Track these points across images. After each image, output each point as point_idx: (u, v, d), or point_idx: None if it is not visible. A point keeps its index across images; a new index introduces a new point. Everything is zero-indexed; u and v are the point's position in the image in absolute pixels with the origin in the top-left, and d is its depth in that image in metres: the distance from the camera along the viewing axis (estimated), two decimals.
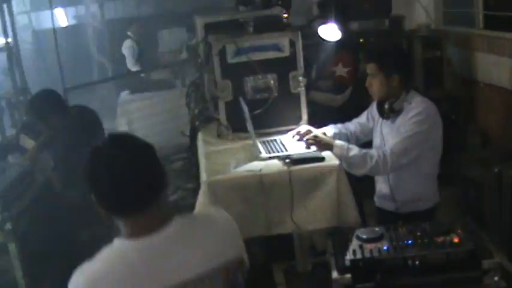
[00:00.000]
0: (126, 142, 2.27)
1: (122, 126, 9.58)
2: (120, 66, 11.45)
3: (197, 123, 5.06)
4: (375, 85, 4.14)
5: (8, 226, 4.38)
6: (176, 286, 2.19)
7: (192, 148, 5.11)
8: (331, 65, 5.98)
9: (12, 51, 7.44)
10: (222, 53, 4.41)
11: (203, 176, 3.83)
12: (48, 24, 9.55)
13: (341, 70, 5.96)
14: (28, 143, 5.40)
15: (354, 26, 7.34)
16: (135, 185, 2.19)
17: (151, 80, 11.28)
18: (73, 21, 11.95)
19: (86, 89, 9.71)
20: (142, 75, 11.30)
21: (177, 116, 9.61)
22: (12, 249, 4.42)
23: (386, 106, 4.13)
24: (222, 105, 4.51)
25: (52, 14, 9.89)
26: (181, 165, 7.14)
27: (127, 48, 11.24)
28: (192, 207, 3.85)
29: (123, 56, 11.38)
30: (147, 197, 2.22)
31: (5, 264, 4.47)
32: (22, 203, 4.68)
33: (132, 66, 11.31)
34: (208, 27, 4.99)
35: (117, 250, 2.23)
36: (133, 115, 10.33)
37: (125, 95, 10.70)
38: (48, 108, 5.00)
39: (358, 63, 6.03)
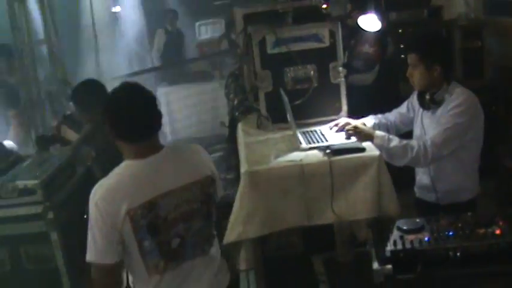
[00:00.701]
0: (138, 88, 3.09)
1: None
2: (159, 58, 11.54)
3: (237, 113, 5.05)
4: (415, 76, 4.11)
5: (50, 215, 4.43)
6: (167, 193, 3.03)
7: (232, 139, 5.12)
8: (359, 46, 6.07)
9: (52, 43, 7.53)
10: (262, 44, 4.42)
11: (244, 167, 3.83)
12: (88, 17, 9.62)
13: (368, 49, 6.10)
14: (69, 134, 5.44)
15: (392, 16, 7.31)
16: (144, 119, 3.04)
17: (190, 71, 11.33)
18: (113, 13, 12.00)
19: (124, 80, 9.79)
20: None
21: (216, 107, 9.66)
22: (54, 239, 4.46)
23: (427, 97, 4.10)
24: (262, 96, 4.52)
25: (91, 6, 9.98)
26: (221, 155, 7.17)
27: (155, 37, 11.43)
28: (231, 197, 3.86)
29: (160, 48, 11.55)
30: (151, 129, 3.09)
31: (47, 252, 4.51)
32: (64, 193, 4.72)
33: (154, 55, 11.48)
34: (248, 18, 5.00)
35: (125, 167, 3.07)
36: (172, 106, 10.40)
37: (163, 86, 10.77)
38: (92, 98, 4.99)
39: (385, 46, 6.11)
